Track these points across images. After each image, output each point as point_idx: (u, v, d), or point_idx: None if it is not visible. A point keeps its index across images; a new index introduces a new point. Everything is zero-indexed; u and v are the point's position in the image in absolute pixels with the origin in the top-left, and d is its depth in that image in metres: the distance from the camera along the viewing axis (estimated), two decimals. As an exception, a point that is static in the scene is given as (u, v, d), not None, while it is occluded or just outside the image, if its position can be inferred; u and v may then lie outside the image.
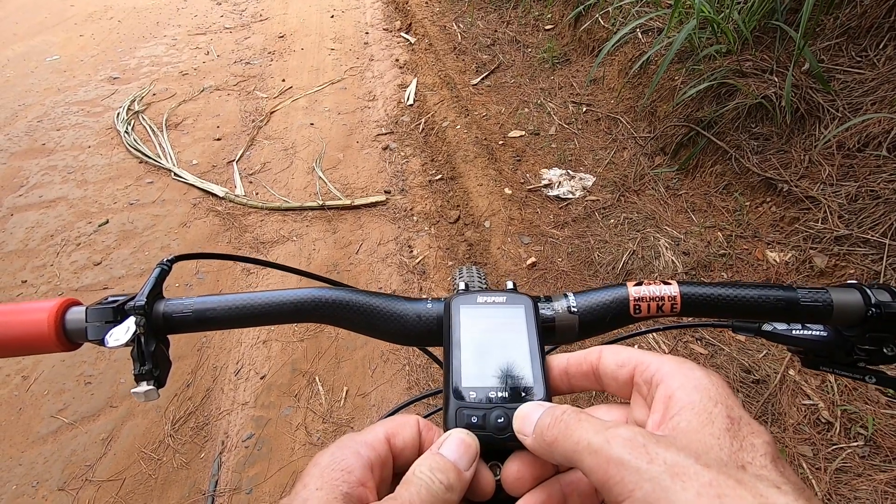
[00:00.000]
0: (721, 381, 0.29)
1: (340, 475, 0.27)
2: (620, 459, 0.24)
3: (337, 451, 0.29)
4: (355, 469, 0.28)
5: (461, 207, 2.72)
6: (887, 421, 1.49)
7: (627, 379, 0.33)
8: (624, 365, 0.33)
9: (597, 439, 0.26)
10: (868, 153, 1.93)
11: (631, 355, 0.33)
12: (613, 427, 0.26)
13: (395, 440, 0.31)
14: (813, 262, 1.86)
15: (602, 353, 0.34)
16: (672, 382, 0.29)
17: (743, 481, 0.22)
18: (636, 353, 0.33)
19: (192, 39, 5.26)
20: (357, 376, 1.98)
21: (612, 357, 0.34)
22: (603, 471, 0.25)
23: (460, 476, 0.30)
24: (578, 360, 0.36)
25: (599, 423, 0.27)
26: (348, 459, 0.28)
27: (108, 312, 0.43)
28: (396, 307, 0.45)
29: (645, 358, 0.32)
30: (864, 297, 0.42)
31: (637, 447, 0.24)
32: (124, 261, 2.59)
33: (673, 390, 0.29)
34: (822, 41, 2.24)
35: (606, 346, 0.35)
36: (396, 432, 0.32)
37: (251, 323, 0.46)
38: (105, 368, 2.06)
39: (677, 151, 2.59)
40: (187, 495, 1.66)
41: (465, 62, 4.02)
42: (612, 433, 0.26)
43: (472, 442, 0.32)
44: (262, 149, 3.41)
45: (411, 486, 0.28)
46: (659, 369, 0.31)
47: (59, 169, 3.32)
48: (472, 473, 0.31)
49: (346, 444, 0.30)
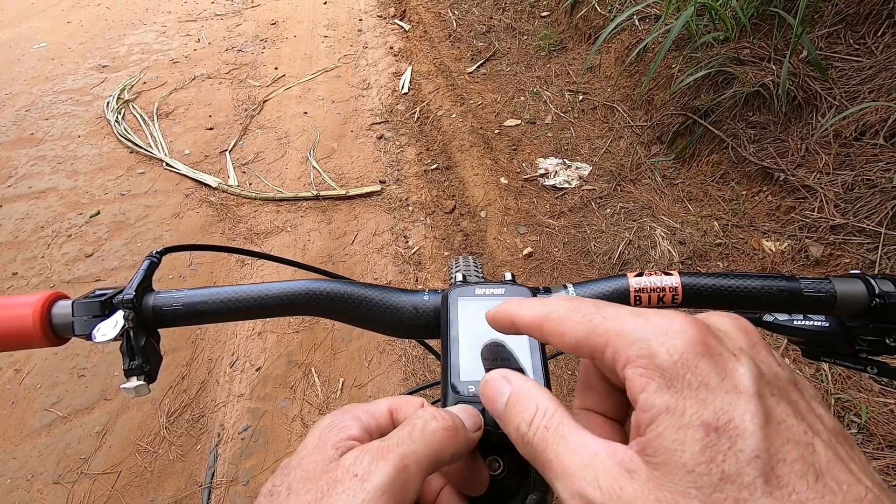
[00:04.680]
0: (690, 339, 0.22)
1: (337, 433, 0.27)
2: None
3: (338, 414, 0.29)
4: (351, 428, 0.28)
5: (457, 197, 2.70)
6: (880, 409, 1.50)
7: (590, 365, 0.27)
8: (578, 347, 0.26)
9: (564, 493, 0.23)
10: (865, 142, 1.93)
11: (578, 333, 0.25)
12: (580, 472, 0.22)
13: (398, 414, 0.31)
14: (809, 252, 1.86)
15: (545, 328, 0.27)
16: (624, 359, 0.23)
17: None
18: (584, 325, 0.25)
19: (183, 26, 5.17)
20: (353, 367, 1.98)
21: (563, 336, 0.26)
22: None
23: (463, 429, 0.29)
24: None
25: (564, 462, 0.23)
26: (346, 422, 0.28)
27: (95, 306, 0.41)
28: (393, 299, 0.44)
29: (596, 333, 0.25)
30: (868, 287, 0.42)
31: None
32: (116, 252, 2.56)
33: (629, 377, 0.23)
34: (820, 28, 2.23)
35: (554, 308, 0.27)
36: (399, 407, 0.31)
37: (244, 316, 0.45)
38: (99, 361, 2.05)
39: (674, 140, 2.58)
40: (184, 487, 1.66)
41: (460, 50, 3.98)
42: (576, 484, 0.22)
43: (476, 413, 0.32)
44: (255, 138, 3.37)
45: (404, 428, 0.27)
46: (609, 342, 0.24)
47: (49, 159, 3.27)
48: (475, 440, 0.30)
49: (347, 409, 0.30)
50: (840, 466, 0.20)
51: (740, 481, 0.19)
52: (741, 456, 0.19)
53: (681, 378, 0.22)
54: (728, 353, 0.23)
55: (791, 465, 0.19)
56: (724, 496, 0.19)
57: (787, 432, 0.20)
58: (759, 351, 0.24)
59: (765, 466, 0.19)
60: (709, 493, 0.19)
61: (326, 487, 0.24)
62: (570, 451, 0.23)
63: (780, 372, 0.23)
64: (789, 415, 0.21)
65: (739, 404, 0.20)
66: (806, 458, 0.20)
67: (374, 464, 0.25)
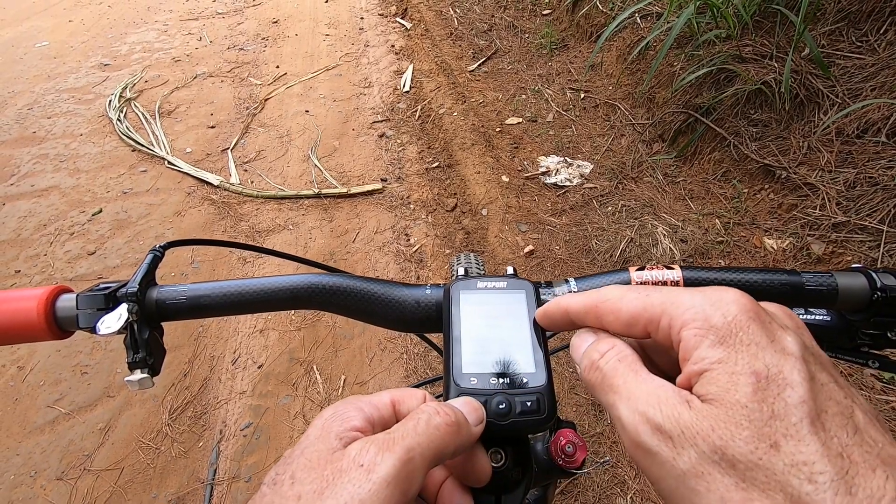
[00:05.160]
0: (743, 306, 0.25)
1: (340, 423, 0.28)
2: (648, 448, 0.24)
3: (341, 405, 0.30)
4: (354, 419, 0.28)
5: (458, 195, 2.70)
6: (881, 406, 1.50)
7: (644, 334, 0.29)
8: (634, 320, 0.29)
9: (625, 412, 0.25)
10: (867, 139, 1.92)
11: (634, 307, 0.28)
12: (644, 397, 0.25)
13: (400, 406, 0.31)
14: (810, 249, 1.86)
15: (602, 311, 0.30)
16: (680, 323, 0.26)
17: (771, 479, 0.20)
18: (641, 300, 0.28)
19: (184, 25, 5.17)
20: (355, 365, 1.98)
21: (619, 312, 0.29)
22: (631, 450, 0.25)
23: (466, 424, 0.29)
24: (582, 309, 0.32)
25: (631, 388, 0.26)
26: (350, 412, 0.29)
27: (99, 299, 0.42)
28: (395, 293, 0.44)
29: (652, 305, 0.28)
30: (870, 281, 0.42)
31: (663, 436, 0.23)
32: (119, 250, 2.57)
33: (684, 338, 0.26)
34: (822, 26, 2.22)
35: (615, 295, 0.30)
36: (402, 399, 0.31)
37: (247, 310, 0.45)
38: (101, 358, 2.06)
39: (675, 138, 2.57)
40: (186, 484, 1.67)
41: (461, 48, 3.97)
42: (640, 406, 0.25)
43: (478, 406, 0.32)
44: (256, 136, 3.38)
45: (409, 421, 0.28)
46: (665, 311, 0.27)
47: (51, 157, 3.28)
48: (477, 433, 0.30)
49: (350, 400, 0.30)
50: (876, 429, 0.22)
51: (788, 420, 0.21)
52: (789, 401, 0.22)
53: (733, 335, 0.24)
54: (776, 325, 0.25)
55: (832, 417, 0.22)
56: (773, 430, 0.21)
57: (829, 392, 0.23)
58: (804, 333, 0.27)
59: (811, 412, 0.21)
60: (759, 426, 0.21)
61: (331, 477, 0.24)
62: (638, 381, 0.26)
63: (822, 353, 0.26)
64: (831, 381, 0.23)
65: (787, 362, 0.23)
66: (846, 414, 0.22)
67: (380, 455, 0.25)
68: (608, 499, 1.51)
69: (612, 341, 0.30)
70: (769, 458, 0.21)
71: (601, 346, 0.30)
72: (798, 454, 0.20)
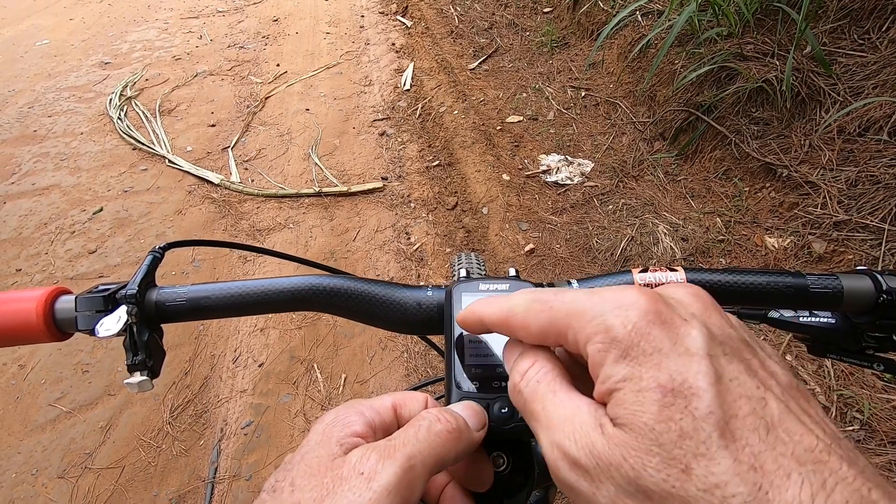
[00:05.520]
0: (641, 309, 0.23)
1: (341, 428, 0.27)
2: (570, 485, 0.23)
3: (342, 410, 0.29)
4: (355, 424, 0.28)
5: (459, 194, 2.70)
6: (883, 405, 1.50)
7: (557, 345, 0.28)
8: (545, 335, 0.26)
9: (546, 444, 0.24)
10: (869, 138, 1.92)
11: (541, 321, 0.26)
12: (560, 426, 0.24)
13: (402, 410, 0.31)
14: (812, 248, 1.85)
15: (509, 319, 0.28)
16: (584, 337, 0.24)
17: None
18: (546, 313, 0.26)
19: (185, 23, 5.16)
20: (355, 363, 1.98)
21: (528, 328, 0.27)
22: (558, 484, 0.24)
23: (467, 430, 0.29)
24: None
25: (550, 414, 0.24)
26: (351, 417, 0.28)
27: (98, 301, 0.41)
28: (396, 295, 0.44)
29: (557, 318, 0.26)
30: (876, 283, 0.41)
31: (581, 471, 0.22)
32: (119, 249, 2.57)
33: (590, 353, 0.24)
34: (824, 23, 2.21)
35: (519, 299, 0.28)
36: (404, 403, 0.31)
37: (247, 311, 0.45)
38: (102, 357, 2.06)
39: (676, 136, 2.57)
40: (187, 482, 1.67)
41: (462, 46, 3.96)
42: (556, 437, 0.23)
43: (480, 410, 0.32)
44: (257, 135, 3.37)
45: (410, 428, 0.27)
46: (570, 324, 0.25)
47: (52, 156, 3.28)
48: (479, 439, 0.30)
49: (351, 404, 0.30)
50: (791, 419, 0.20)
51: (697, 437, 0.20)
52: (696, 413, 0.20)
53: (635, 347, 0.22)
54: (679, 318, 0.23)
55: (743, 419, 0.20)
56: (684, 452, 0.20)
57: (739, 389, 0.21)
58: (711, 314, 0.25)
59: (719, 422, 0.20)
60: (669, 449, 0.20)
61: (332, 484, 0.24)
62: (556, 405, 0.25)
63: (732, 333, 0.24)
64: (741, 372, 0.22)
65: (692, 365, 0.21)
66: (758, 412, 0.20)
67: (381, 463, 0.24)
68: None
69: (533, 357, 0.28)
70: (682, 484, 0.19)
71: (522, 365, 0.28)
72: (710, 476, 0.19)
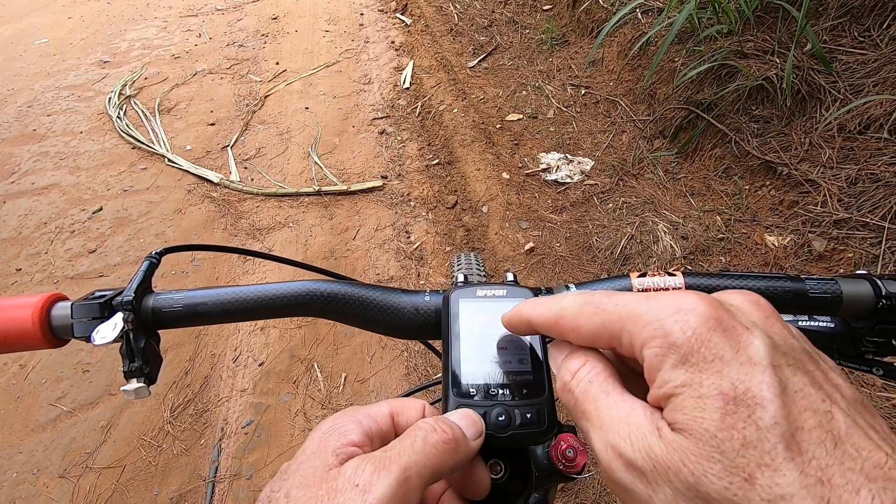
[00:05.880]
0: (702, 315, 0.23)
1: (337, 437, 0.27)
2: (623, 486, 0.23)
3: (339, 417, 0.29)
4: (352, 433, 0.28)
5: (459, 192, 2.69)
6: (882, 404, 1.50)
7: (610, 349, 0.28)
8: (596, 338, 0.27)
9: (599, 445, 0.24)
10: (869, 135, 1.91)
11: (593, 324, 0.26)
12: (615, 427, 0.24)
13: (399, 418, 0.31)
14: (811, 246, 1.85)
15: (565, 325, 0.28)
16: (640, 341, 0.24)
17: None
18: (598, 315, 0.26)
19: (184, 21, 5.15)
20: (355, 362, 1.98)
21: (579, 329, 0.28)
22: (609, 485, 0.24)
23: (464, 440, 0.29)
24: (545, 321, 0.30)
25: (602, 415, 0.25)
26: (348, 426, 0.28)
27: (94, 308, 0.41)
28: (393, 300, 0.44)
29: (610, 321, 0.26)
30: (875, 288, 0.41)
31: (637, 472, 0.22)
32: (119, 248, 2.57)
33: (646, 357, 0.24)
34: (824, 21, 2.20)
35: (571, 302, 0.28)
36: (401, 410, 0.31)
37: (244, 317, 0.44)
38: (103, 357, 2.06)
39: (676, 135, 2.56)
40: (188, 481, 1.67)
41: (461, 44, 3.95)
42: (611, 438, 0.23)
43: (477, 419, 0.31)
44: (256, 134, 3.37)
45: (406, 438, 0.27)
46: (624, 328, 0.25)
47: (51, 155, 3.27)
48: (476, 448, 0.30)
49: (348, 412, 0.30)
50: (859, 433, 0.20)
51: (762, 447, 0.19)
52: (760, 423, 0.20)
53: (695, 353, 0.22)
54: (741, 326, 0.23)
55: (809, 432, 0.20)
56: (747, 461, 0.19)
57: (805, 401, 0.21)
58: (773, 323, 0.24)
59: (785, 433, 0.19)
60: (732, 457, 0.20)
61: (326, 496, 0.24)
62: (609, 406, 0.25)
63: (794, 343, 0.23)
64: (806, 384, 0.21)
65: (755, 375, 0.21)
66: (824, 425, 0.20)
67: (376, 475, 0.24)
68: (608, 496, 1.51)
69: (584, 357, 0.28)
70: (745, 493, 0.19)
71: (572, 365, 0.28)
72: (775, 487, 0.19)
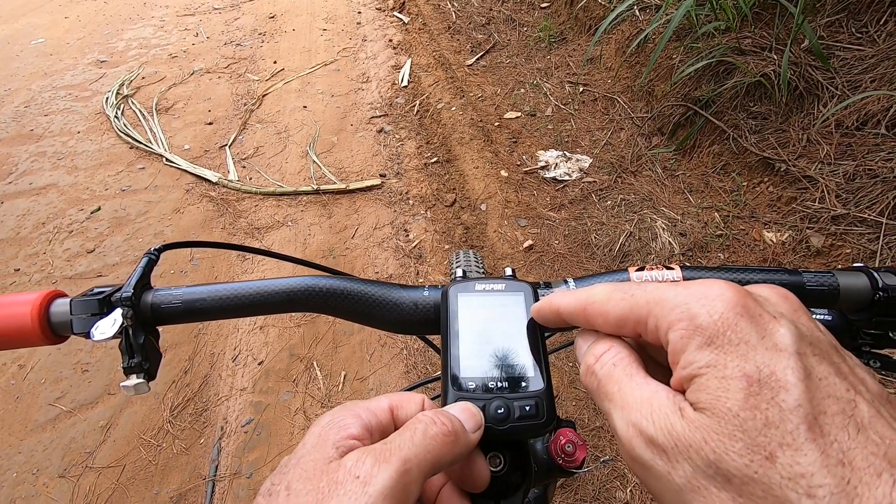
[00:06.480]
0: (729, 301, 0.24)
1: (337, 431, 0.27)
2: (643, 462, 0.23)
3: (338, 411, 0.29)
4: (352, 427, 0.28)
5: (457, 190, 2.69)
6: (881, 399, 1.51)
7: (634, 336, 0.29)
8: (622, 322, 0.28)
9: (620, 423, 0.25)
10: (867, 131, 1.92)
11: (621, 309, 0.28)
12: (637, 406, 0.24)
13: (398, 411, 0.31)
14: (810, 242, 1.86)
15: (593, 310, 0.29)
16: (666, 324, 0.25)
17: (768, 493, 0.19)
18: (626, 300, 0.27)
19: (181, 21, 5.14)
20: (355, 361, 1.98)
21: (607, 315, 0.29)
22: (628, 462, 0.25)
23: (463, 433, 0.29)
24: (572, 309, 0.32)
25: (625, 395, 0.25)
26: (347, 419, 0.28)
27: (93, 304, 0.41)
28: (392, 295, 0.44)
29: (638, 306, 0.27)
30: (872, 280, 0.41)
31: (657, 449, 0.23)
32: (118, 248, 2.56)
33: (671, 340, 0.24)
34: (821, 17, 2.20)
35: (601, 293, 0.29)
36: (400, 405, 0.31)
37: (243, 313, 0.45)
38: (102, 356, 2.06)
39: (675, 131, 2.56)
40: (188, 480, 1.67)
41: (459, 42, 3.95)
42: (633, 416, 0.24)
43: (476, 411, 0.32)
44: (254, 133, 3.36)
45: (406, 431, 0.27)
46: (651, 312, 0.26)
47: (49, 155, 3.27)
48: (475, 441, 0.30)
49: (348, 406, 0.30)
50: (882, 423, 0.20)
51: (784, 427, 0.20)
52: (784, 405, 0.20)
53: (721, 335, 0.23)
54: (768, 315, 0.23)
55: (832, 417, 0.20)
56: (769, 440, 0.20)
57: (829, 388, 0.21)
58: (801, 316, 0.25)
59: (807, 415, 0.20)
60: (753, 436, 0.20)
61: (327, 488, 0.24)
62: (632, 388, 0.26)
63: (820, 336, 0.24)
64: (831, 373, 0.22)
65: (780, 360, 0.22)
66: (847, 412, 0.20)
67: (377, 467, 0.24)
68: (608, 492, 1.52)
69: (609, 343, 0.29)
70: (765, 471, 0.19)
71: (597, 349, 0.29)
72: (795, 465, 0.19)
